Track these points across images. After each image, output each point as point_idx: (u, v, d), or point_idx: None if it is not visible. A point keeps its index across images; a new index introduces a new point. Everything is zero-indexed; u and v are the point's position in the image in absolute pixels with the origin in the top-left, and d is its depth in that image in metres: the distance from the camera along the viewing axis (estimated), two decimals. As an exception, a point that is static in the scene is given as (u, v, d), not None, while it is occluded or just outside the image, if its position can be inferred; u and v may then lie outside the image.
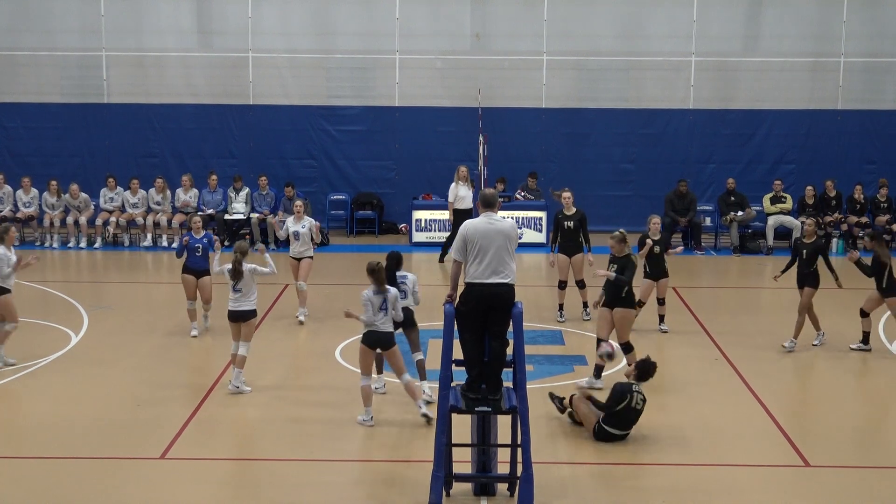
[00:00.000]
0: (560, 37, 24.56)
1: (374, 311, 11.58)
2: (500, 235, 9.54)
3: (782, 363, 14.37)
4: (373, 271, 11.68)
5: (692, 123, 24.78)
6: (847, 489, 10.24)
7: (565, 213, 16.39)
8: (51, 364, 13.78)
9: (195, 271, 15.09)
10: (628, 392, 11.21)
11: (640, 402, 11.25)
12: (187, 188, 23.08)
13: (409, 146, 24.84)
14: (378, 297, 11.59)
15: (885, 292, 14.64)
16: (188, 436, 11.42)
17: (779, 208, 23.04)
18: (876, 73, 24.66)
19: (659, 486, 10.28)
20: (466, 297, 9.56)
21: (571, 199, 16.47)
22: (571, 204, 16.42)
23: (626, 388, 11.27)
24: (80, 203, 22.88)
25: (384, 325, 11.64)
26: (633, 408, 11.22)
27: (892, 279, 14.63)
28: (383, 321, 11.62)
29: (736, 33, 24.72)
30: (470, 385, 9.61)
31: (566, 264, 16.30)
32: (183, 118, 24.74)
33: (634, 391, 11.24)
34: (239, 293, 12.74)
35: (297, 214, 16.34)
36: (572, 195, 16.55)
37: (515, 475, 9.67)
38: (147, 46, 24.63)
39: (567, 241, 16.27)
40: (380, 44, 24.61)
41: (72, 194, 22.83)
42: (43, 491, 10.02)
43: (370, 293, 11.62)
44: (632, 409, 11.22)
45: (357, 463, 10.83)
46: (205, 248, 15.09)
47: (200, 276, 15.08)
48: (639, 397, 11.25)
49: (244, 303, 12.74)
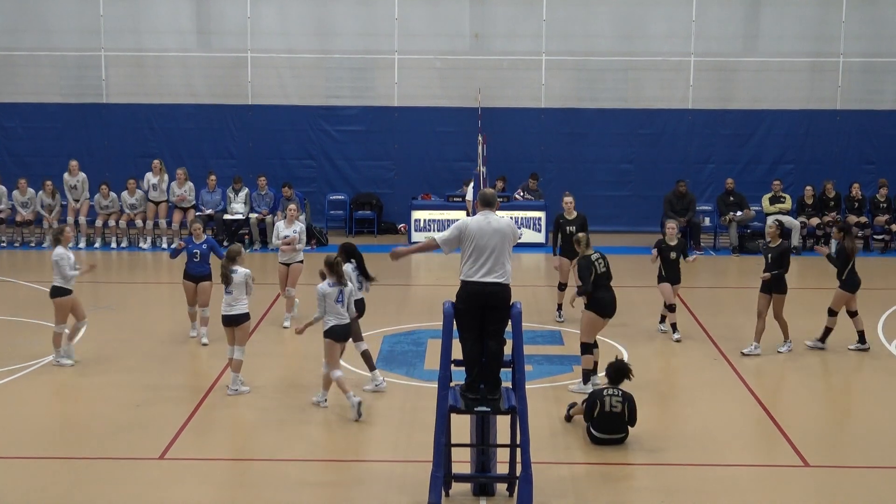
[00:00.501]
0: (559, 37, 24.57)
1: (332, 304, 11.96)
2: (497, 235, 9.55)
3: (781, 363, 14.37)
4: (331, 265, 12.08)
5: (691, 123, 24.79)
6: (846, 489, 10.24)
7: (566, 217, 16.41)
8: (50, 364, 13.76)
9: (194, 277, 15.01)
10: (598, 398, 11.15)
11: (618, 404, 11.12)
12: (182, 182, 23.02)
13: (408, 146, 24.84)
14: (335, 290, 11.96)
15: (842, 285, 14.58)
16: (187, 436, 11.42)
17: (778, 208, 23.04)
18: (875, 74, 24.67)
19: (658, 486, 10.28)
20: (461, 294, 9.57)
21: (573, 203, 16.50)
22: (573, 208, 16.46)
23: (595, 395, 11.24)
24: (109, 202, 22.85)
25: (344, 317, 12.06)
26: (610, 412, 11.10)
27: (853, 274, 14.57)
28: (341, 313, 12.03)
29: (735, 33, 24.73)
30: (469, 385, 9.61)
31: (568, 267, 16.23)
32: (182, 118, 24.74)
33: (606, 395, 11.14)
34: (230, 296, 12.72)
35: (289, 218, 16.00)
36: (574, 199, 16.60)
37: (515, 475, 9.66)
38: (146, 46, 24.63)
39: (568, 244, 15.97)
40: (379, 44, 24.62)
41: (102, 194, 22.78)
42: (42, 491, 10.02)
43: (326, 286, 12.00)
44: (608, 414, 11.11)
45: (356, 463, 10.82)
46: (203, 253, 15.01)
47: (199, 282, 15.00)
48: (614, 400, 11.12)
49: (236, 307, 12.70)
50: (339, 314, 12.03)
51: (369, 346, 13.12)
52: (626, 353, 14.58)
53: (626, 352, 14.63)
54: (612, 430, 11.18)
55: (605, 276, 13.01)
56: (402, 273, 20.68)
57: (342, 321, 12.05)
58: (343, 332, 12.10)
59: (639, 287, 18.97)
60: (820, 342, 14.80)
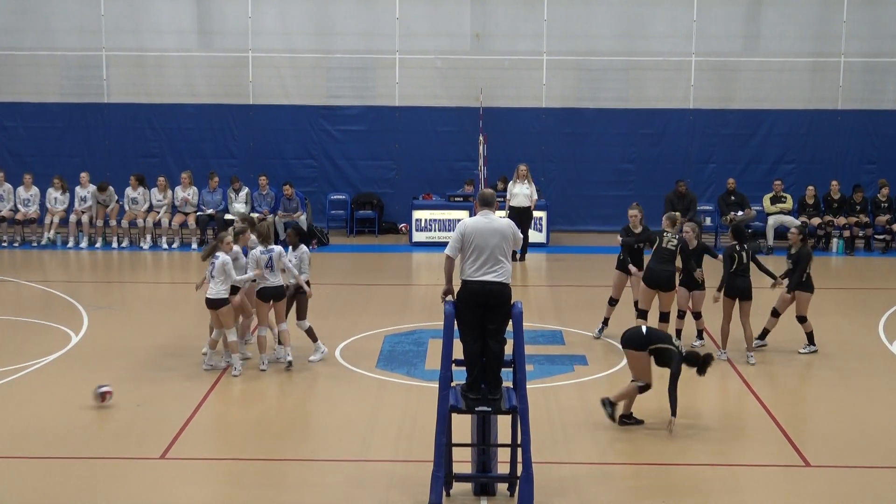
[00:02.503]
0: (560, 37, 24.57)
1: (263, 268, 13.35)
2: (496, 234, 9.58)
3: (783, 363, 14.36)
4: (258, 230, 13.71)
5: (692, 123, 24.79)
6: (848, 489, 10.23)
7: (633, 231, 15.10)
8: (51, 364, 13.77)
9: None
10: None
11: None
12: (186, 185, 23.06)
13: (409, 146, 24.85)
14: (265, 256, 13.41)
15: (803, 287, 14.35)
16: (188, 436, 11.42)
17: (779, 208, 23.04)
18: (876, 73, 24.66)
19: (659, 485, 10.28)
20: (461, 294, 9.59)
21: (639, 217, 15.13)
22: (639, 222, 15.12)
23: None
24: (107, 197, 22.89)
25: (270, 280, 13.42)
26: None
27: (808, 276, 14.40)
28: (272, 276, 13.43)
29: (736, 33, 24.73)
30: (470, 385, 9.61)
31: (623, 282, 15.25)
32: (183, 118, 24.74)
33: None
34: (213, 280, 13.19)
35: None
36: (640, 213, 15.19)
37: (515, 475, 9.66)
38: (147, 46, 24.63)
39: (636, 259, 15.10)
40: (380, 44, 24.62)
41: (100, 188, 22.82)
42: (43, 491, 10.02)
43: (258, 252, 13.42)
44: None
45: (357, 463, 10.82)
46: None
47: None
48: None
49: (215, 291, 13.17)
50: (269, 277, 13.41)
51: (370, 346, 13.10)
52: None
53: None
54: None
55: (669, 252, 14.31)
56: (403, 273, 20.69)
57: (272, 283, 13.43)
58: (273, 293, 13.46)
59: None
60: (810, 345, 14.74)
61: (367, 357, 14.19)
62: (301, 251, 13.93)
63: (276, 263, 13.44)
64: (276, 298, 13.54)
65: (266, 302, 13.52)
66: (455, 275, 9.79)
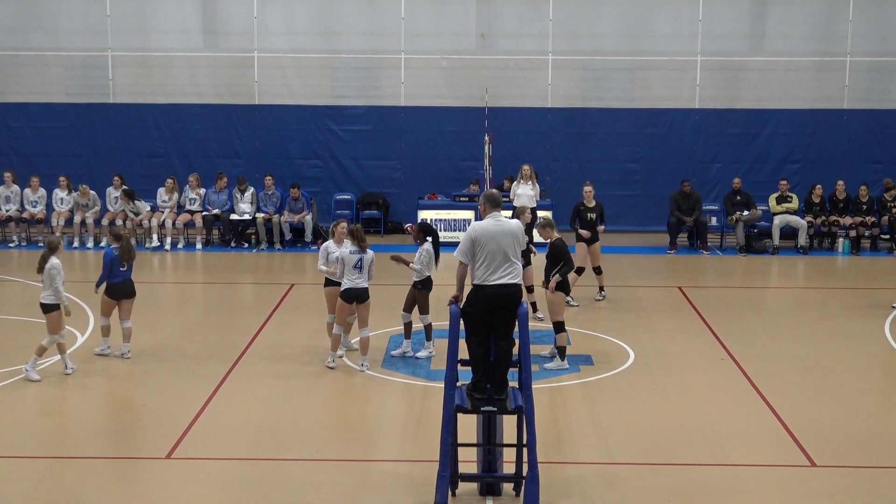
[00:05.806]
0: (565, 36, 24.56)
1: (350, 268, 13.26)
2: (507, 236, 9.58)
3: (788, 363, 14.35)
4: (353, 232, 13.41)
5: (697, 123, 24.77)
6: (853, 489, 10.22)
7: (586, 204, 17.79)
8: (56, 363, 13.78)
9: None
10: None
11: None
12: (194, 187, 23.10)
13: (415, 146, 24.85)
14: (354, 256, 13.28)
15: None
16: (194, 436, 11.43)
17: (785, 208, 23.01)
18: (882, 73, 24.63)
19: (664, 485, 10.27)
20: (475, 298, 9.57)
21: (592, 192, 17.93)
22: (592, 197, 17.86)
23: None
24: (89, 201, 22.90)
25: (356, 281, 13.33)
26: None
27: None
28: (359, 278, 13.33)
29: (741, 33, 24.70)
30: (475, 385, 9.61)
31: (585, 252, 17.46)
32: (188, 118, 24.77)
33: None
34: (358, 273, 13.39)
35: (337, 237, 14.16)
36: (593, 188, 18.03)
37: (521, 475, 9.66)
38: (152, 46, 24.66)
39: (590, 230, 17.52)
40: (385, 43, 24.63)
41: (81, 192, 22.83)
42: (47, 491, 10.04)
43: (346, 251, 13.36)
44: None
45: (362, 463, 10.83)
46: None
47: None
48: None
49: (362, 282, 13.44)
50: (355, 278, 13.26)
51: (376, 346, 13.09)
52: (631, 351, 14.58)
53: (631, 350, 14.62)
54: None
55: None
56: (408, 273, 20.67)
57: (358, 285, 13.30)
58: (356, 294, 13.30)
59: (644, 287, 18.99)
60: None
61: (372, 357, 14.18)
62: (423, 248, 14.17)
63: (365, 266, 13.40)
64: (359, 301, 13.46)
65: (349, 303, 13.47)
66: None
